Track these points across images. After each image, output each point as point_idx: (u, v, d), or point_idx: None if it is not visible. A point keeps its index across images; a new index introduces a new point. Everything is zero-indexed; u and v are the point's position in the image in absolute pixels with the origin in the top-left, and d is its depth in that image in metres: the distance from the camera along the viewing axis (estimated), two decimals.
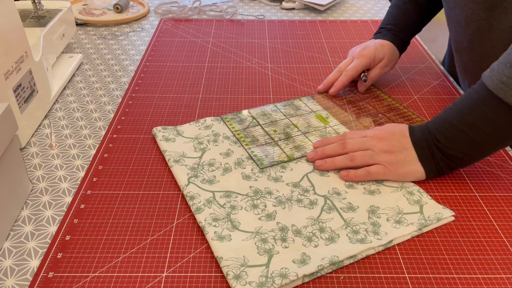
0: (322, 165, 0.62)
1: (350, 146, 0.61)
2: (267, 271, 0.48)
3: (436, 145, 0.58)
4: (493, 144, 0.57)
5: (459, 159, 0.58)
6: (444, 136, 0.58)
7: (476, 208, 0.58)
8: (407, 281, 0.48)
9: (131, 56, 0.95)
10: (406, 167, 0.59)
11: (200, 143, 0.67)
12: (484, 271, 0.50)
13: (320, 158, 0.63)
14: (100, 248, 0.51)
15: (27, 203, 0.58)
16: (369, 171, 0.59)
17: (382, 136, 0.61)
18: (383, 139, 0.60)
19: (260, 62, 0.92)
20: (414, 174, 0.60)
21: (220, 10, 1.16)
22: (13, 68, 0.63)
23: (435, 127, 0.59)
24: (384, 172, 0.59)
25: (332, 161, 0.62)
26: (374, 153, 0.60)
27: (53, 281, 0.48)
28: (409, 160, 0.59)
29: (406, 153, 0.59)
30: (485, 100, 0.55)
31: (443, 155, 0.58)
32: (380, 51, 0.80)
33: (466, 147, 0.57)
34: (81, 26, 1.08)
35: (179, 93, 0.81)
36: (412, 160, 0.59)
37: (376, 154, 0.60)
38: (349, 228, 0.54)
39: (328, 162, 0.62)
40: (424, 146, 0.59)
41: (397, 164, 0.59)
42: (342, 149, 0.62)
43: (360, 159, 0.60)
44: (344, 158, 0.61)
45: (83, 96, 0.81)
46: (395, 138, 0.60)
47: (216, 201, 0.57)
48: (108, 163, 0.64)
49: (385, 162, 0.59)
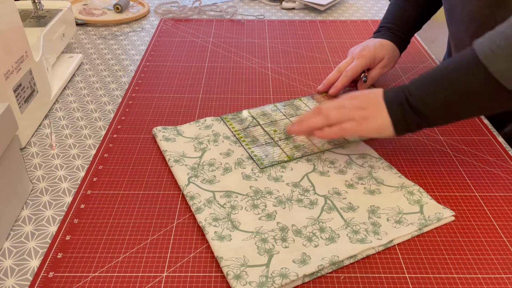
0: (298, 128, 0.64)
1: (325, 108, 0.63)
2: (267, 271, 0.48)
3: (408, 101, 0.58)
4: (466, 110, 0.58)
5: (428, 117, 0.58)
6: (419, 92, 0.58)
7: (476, 208, 0.58)
8: (407, 281, 0.48)
9: (131, 56, 0.95)
10: (377, 121, 0.60)
11: (200, 143, 0.67)
12: (484, 271, 0.50)
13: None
14: (100, 248, 0.51)
15: (27, 203, 0.58)
16: (343, 127, 0.61)
17: (355, 95, 0.63)
18: (356, 98, 0.63)
19: (260, 62, 0.92)
20: (384, 129, 0.60)
21: (220, 10, 1.16)
22: (13, 68, 0.63)
23: (413, 82, 0.60)
24: (357, 127, 0.60)
25: (307, 121, 0.63)
26: (348, 110, 0.61)
27: (53, 281, 0.48)
28: (379, 116, 0.60)
29: (376, 108, 0.60)
30: (471, 65, 0.54)
31: (413, 111, 0.58)
32: (380, 51, 0.80)
33: (439, 106, 0.57)
34: (81, 26, 1.08)
35: (179, 93, 0.81)
36: (382, 115, 0.60)
37: (350, 110, 0.61)
38: (349, 228, 0.54)
39: (303, 124, 0.64)
40: (395, 102, 0.59)
41: (368, 119, 0.60)
42: (318, 113, 0.63)
43: (334, 116, 0.62)
44: (319, 117, 0.63)
45: (83, 96, 0.81)
46: (367, 97, 0.62)
47: (216, 201, 0.57)
48: (108, 163, 0.64)
49: (358, 117, 0.60)
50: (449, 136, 0.71)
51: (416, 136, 0.70)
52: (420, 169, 0.64)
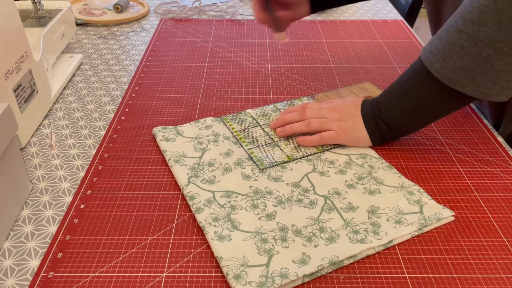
0: (282, 131, 0.68)
1: (308, 114, 0.68)
2: (267, 271, 0.48)
3: (379, 114, 0.64)
4: (424, 115, 0.63)
5: (397, 127, 0.64)
6: (384, 105, 0.64)
7: (476, 208, 0.58)
8: (407, 281, 0.48)
9: (131, 56, 0.95)
10: (354, 133, 0.66)
11: (200, 143, 0.67)
12: (484, 271, 0.50)
13: (281, 126, 0.69)
14: (100, 248, 0.51)
15: (27, 203, 0.58)
16: (323, 136, 0.66)
17: (336, 108, 0.68)
18: (337, 110, 0.67)
19: (260, 62, 0.92)
20: (362, 139, 0.66)
21: (220, 10, 1.16)
22: (13, 68, 0.63)
23: (380, 97, 0.65)
24: (336, 136, 0.66)
25: (291, 127, 0.68)
26: (328, 121, 0.67)
27: (53, 281, 0.48)
28: (357, 128, 0.66)
29: (355, 120, 0.66)
30: (417, 71, 0.60)
31: (384, 123, 0.64)
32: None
33: (401, 115, 0.63)
34: (81, 26, 1.08)
35: (179, 93, 0.81)
36: (359, 127, 0.66)
37: (330, 121, 0.66)
38: (349, 228, 0.54)
39: (287, 128, 0.68)
40: (370, 115, 0.65)
41: (347, 130, 0.66)
42: (300, 116, 0.69)
43: (315, 125, 0.67)
44: (301, 124, 0.68)
45: (83, 96, 0.81)
46: (347, 109, 0.67)
47: (216, 201, 0.57)
48: (108, 163, 0.64)
49: (337, 128, 0.66)
50: (449, 136, 0.71)
51: (416, 136, 0.70)
52: (420, 169, 0.64)
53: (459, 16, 0.55)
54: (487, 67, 0.54)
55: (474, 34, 0.53)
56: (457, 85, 0.56)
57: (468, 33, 0.53)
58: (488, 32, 0.52)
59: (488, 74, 0.54)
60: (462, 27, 0.54)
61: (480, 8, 0.52)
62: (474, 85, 0.55)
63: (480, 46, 0.53)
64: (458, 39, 0.54)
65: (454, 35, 0.55)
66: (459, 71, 0.55)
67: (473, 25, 0.53)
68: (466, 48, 0.54)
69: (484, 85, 0.55)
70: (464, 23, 0.54)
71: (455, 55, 0.55)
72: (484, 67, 0.54)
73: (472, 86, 0.55)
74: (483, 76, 0.54)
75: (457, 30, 0.55)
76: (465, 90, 0.56)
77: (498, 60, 0.53)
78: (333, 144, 0.67)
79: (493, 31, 0.52)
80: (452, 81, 0.56)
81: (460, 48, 0.54)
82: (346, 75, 0.88)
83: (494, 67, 0.53)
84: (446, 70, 0.56)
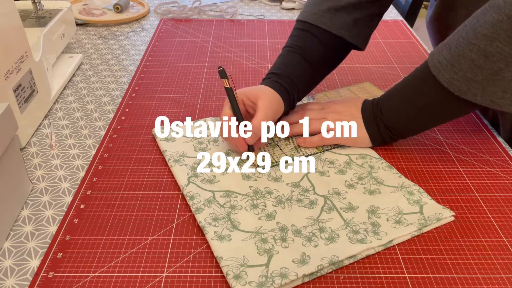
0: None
1: (310, 116, 0.68)
2: (267, 271, 0.48)
3: (379, 116, 0.64)
4: (426, 120, 0.63)
5: (397, 130, 0.64)
6: (385, 108, 0.64)
7: (476, 208, 0.58)
8: (407, 281, 0.48)
9: (131, 56, 0.95)
10: (355, 134, 0.65)
11: (200, 143, 0.67)
12: (484, 271, 0.50)
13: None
14: (100, 248, 0.51)
15: (27, 203, 0.58)
16: (323, 138, 0.66)
17: (336, 108, 0.68)
18: (339, 112, 0.67)
19: (260, 62, 0.92)
20: (362, 140, 0.66)
21: (220, 10, 1.16)
22: (13, 68, 0.63)
23: (381, 99, 0.65)
24: (336, 138, 0.66)
25: (291, 128, 0.68)
26: (329, 122, 0.66)
27: (53, 281, 0.48)
28: (358, 129, 0.65)
29: (355, 121, 0.66)
30: (424, 76, 0.60)
31: (384, 125, 0.64)
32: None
33: (403, 120, 0.63)
34: (81, 26, 1.08)
35: (179, 93, 0.81)
36: (360, 129, 0.66)
37: (331, 123, 0.66)
38: (349, 228, 0.54)
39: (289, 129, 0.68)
40: (370, 117, 0.65)
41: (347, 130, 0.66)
42: (300, 117, 0.68)
43: (316, 126, 0.67)
44: (301, 125, 0.67)
45: (83, 96, 0.81)
46: (348, 110, 0.67)
47: (216, 201, 0.57)
48: (108, 163, 0.64)
49: (338, 129, 0.66)
50: (449, 136, 0.71)
51: (416, 136, 0.70)
52: (420, 169, 0.64)
53: (470, 28, 0.54)
54: (497, 79, 0.53)
55: (485, 48, 0.52)
56: (468, 95, 0.56)
57: (480, 47, 0.53)
58: (501, 48, 0.51)
59: (498, 84, 0.54)
60: (473, 40, 0.53)
61: (493, 23, 0.51)
62: (484, 95, 0.55)
63: (491, 61, 0.52)
64: (469, 51, 0.54)
65: (464, 47, 0.54)
66: (469, 82, 0.55)
67: (485, 39, 0.52)
68: (476, 61, 0.53)
69: (494, 94, 0.55)
70: (475, 36, 0.53)
71: (465, 67, 0.54)
72: (494, 79, 0.53)
73: (482, 96, 0.55)
74: (493, 86, 0.54)
75: (468, 43, 0.54)
76: (476, 99, 0.56)
77: (509, 72, 0.52)
78: (333, 144, 0.67)
79: (506, 47, 0.51)
80: (462, 92, 0.56)
81: (470, 60, 0.54)
82: (346, 75, 0.88)
83: (505, 78, 0.53)
84: (456, 81, 0.56)
